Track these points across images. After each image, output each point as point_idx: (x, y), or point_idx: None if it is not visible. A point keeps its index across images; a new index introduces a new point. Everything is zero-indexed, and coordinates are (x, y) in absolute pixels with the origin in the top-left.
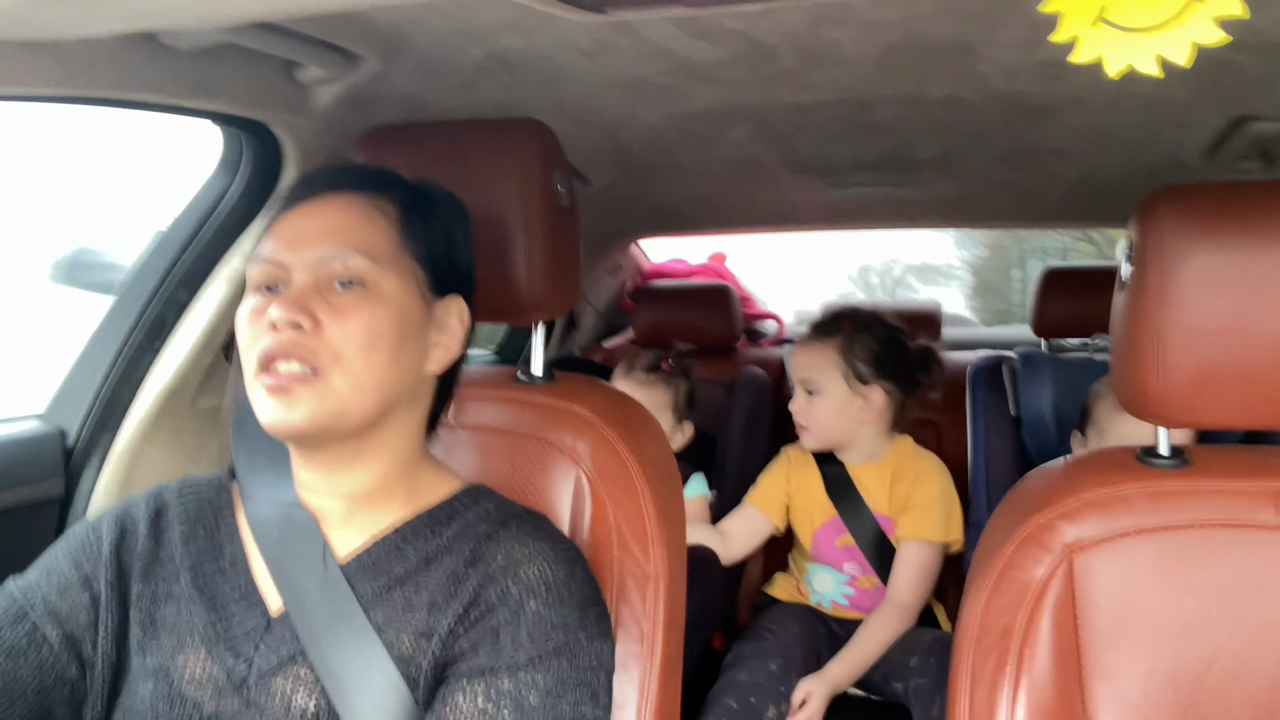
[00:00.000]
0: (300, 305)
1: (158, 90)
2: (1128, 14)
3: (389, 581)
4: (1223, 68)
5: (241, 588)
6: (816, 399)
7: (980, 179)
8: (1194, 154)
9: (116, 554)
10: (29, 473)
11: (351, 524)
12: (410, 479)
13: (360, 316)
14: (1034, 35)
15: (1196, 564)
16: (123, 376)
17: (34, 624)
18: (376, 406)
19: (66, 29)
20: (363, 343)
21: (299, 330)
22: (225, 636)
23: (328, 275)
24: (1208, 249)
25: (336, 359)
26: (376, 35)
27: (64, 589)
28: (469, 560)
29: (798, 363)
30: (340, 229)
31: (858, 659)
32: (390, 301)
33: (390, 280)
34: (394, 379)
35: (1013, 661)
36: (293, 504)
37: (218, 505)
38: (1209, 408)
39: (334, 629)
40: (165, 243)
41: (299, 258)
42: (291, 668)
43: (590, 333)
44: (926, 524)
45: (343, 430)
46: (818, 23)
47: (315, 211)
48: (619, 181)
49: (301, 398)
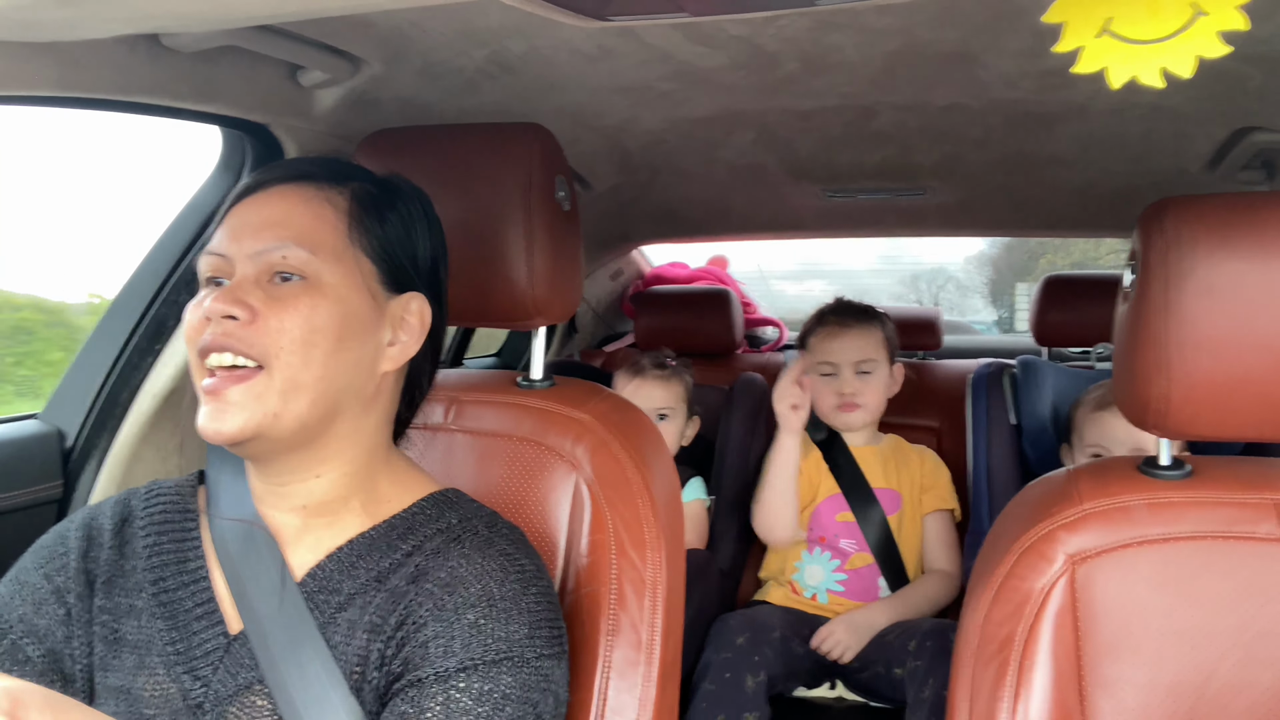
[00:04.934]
0: (235, 297)
1: (160, 92)
2: (1132, 26)
3: (340, 601)
4: (1226, 79)
5: (204, 605)
6: (870, 378)
7: (982, 186)
8: (1196, 164)
9: (83, 564)
10: (28, 474)
11: (306, 539)
12: (368, 488)
13: (298, 309)
14: (1036, 44)
15: (1198, 575)
16: (122, 378)
17: (13, 642)
18: (316, 406)
19: (68, 31)
20: (298, 337)
21: (233, 321)
22: (184, 656)
23: (267, 267)
24: (1211, 260)
25: (274, 351)
26: (378, 38)
27: (39, 604)
28: (411, 577)
29: (852, 346)
30: (282, 220)
31: (897, 605)
32: (330, 295)
33: (332, 273)
34: (336, 376)
35: (1013, 671)
36: (253, 519)
37: (184, 513)
38: (1211, 419)
39: (291, 655)
40: (165, 245)
41: (240, 249)
42: (247, 695)
43: (590, 337)
44: (948, 496)
45: (280, 434)
46: (821, 29)
47: (262, 203)
48: (620, 186)
49: (234, 403)
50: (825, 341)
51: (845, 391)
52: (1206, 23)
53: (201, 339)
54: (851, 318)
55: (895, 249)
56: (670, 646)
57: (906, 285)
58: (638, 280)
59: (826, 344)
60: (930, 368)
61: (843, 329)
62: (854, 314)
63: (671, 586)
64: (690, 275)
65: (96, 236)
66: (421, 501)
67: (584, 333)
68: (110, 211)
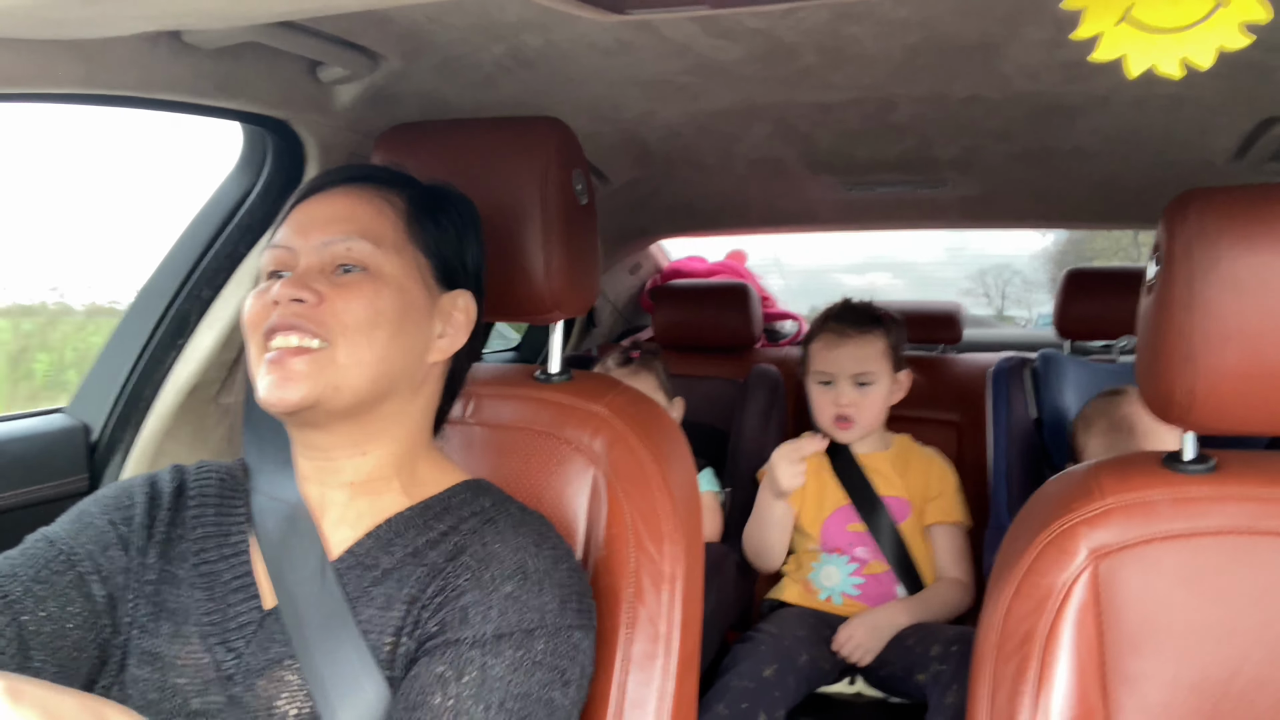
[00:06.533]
0: (303, 283)
1: (182, 89)
2: (1153, 13)
3: (375, 577)
4: (1250, 69)
5: (241, 578)
6: (869, 390)
7: (1002, 179)
8: (1221, 156)
9: (147, 520)
10: (55, 467)
11: (349, 515)
12: (409, 470)
13: (362, 293)
14: (1057, 35)
15: (1223, 571)
16: (146, 372)
17: (80, 575)
18: (374, 384)
19: (91, 29)
20: (364, 317)
21: (301, 304)
22: (219, 627)
23: (331, 258)
24: (1237, 252)
25: (340, 330)
26: (397, 34)
27: (105, 546)
28: (450, 555)
29: (849, 356)
30: (346, 216)
31: (917, 607)
32: (392, 283)
33: (393, 265)
34: (394, 359)
35: (1035, 667)
36: (295, 503)
37: (231, 490)
38: (1237, 413)
39: (323, 633)
40: (188, 240)
41: (306, 242)
42: (277, 670)
43: (609, 332)
44: (953, 508)
45: (338, 406)
46: (839, 21)
47: (325, 201)
48: (638, 180)
49: (297, 372)
50: (823, 351)
51: (841, 403)
52: (1228, 13)
53: (268, 321)
54: (851, 327)
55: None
56: (689, 640)
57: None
58: (656, 274)
59: (824, 354)
60: (950, 362)
61: (841, 339)
62: (854, 322)
63: (690, 579)
64: (709, 269)
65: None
66: (457, 486)
67: (603, 327)
68: (128, 209)
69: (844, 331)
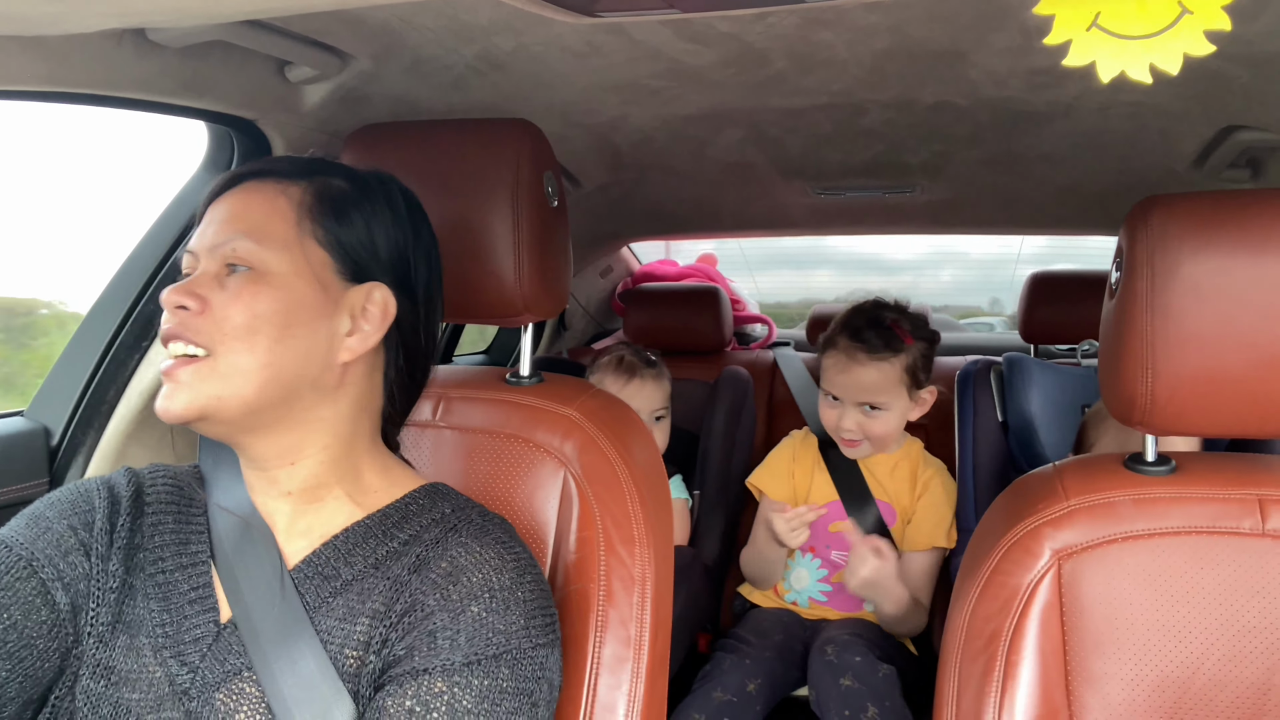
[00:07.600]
0: (187, 289)
1: (146, 88)
2: (1120, 21)
3: (335, 588)
4: (1213, 78)
5: (199, 589)
6: (879, 413)
7: (970, 184)
8: (1183, 162)
9: (108, 525)
10: (14, 471)
11: (298, 525)
12: (352, 477)
13: (240, 298)
14: (1025, 42)
15: (1183, 570)
16: (108, 375)
17: (44, 583)
18: (262, 391)
19: (54, 25)
20: (240, 323)
21: (185, 311)
22: (173, 640)
23: (221, 260)
24: (1197, 257)
25: (220, 338)
26: (367, 34)
27: (66, 553)
28: (413, 567)
29: (856, 385)
30: (236, 215)
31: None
32: (275, 284)
33: (279, 262)
34: (283, 363)
35: (1000, 666)
36: (250, 511)
37: (190, 498)
38: (1196, 415)
39: (282, 644)
40: (151, 242)
41: (202, 245)
42: (236, 682)
43: (580, 335)
44: (937, 534)
45: (230, 417)
46: (810, 27)
47: (226, 200)
48: (610, 183)
49: (183, 383)
50: (832, 371)
51: (844, 426)
52: (1192, 21)
53: (163, 329)
54: (865, 351)
55: None
56: (659, 642)
57: None
58: (627, 278)
59: (832, 374)
60: None
61: (851, 363)
62: (869, 346)
63: (660, 583)
64: (679, 273)
65: (76, 234)
66: (413, 493)
67: (574, 330)
68: (91, 209)
69: (855, 356)
